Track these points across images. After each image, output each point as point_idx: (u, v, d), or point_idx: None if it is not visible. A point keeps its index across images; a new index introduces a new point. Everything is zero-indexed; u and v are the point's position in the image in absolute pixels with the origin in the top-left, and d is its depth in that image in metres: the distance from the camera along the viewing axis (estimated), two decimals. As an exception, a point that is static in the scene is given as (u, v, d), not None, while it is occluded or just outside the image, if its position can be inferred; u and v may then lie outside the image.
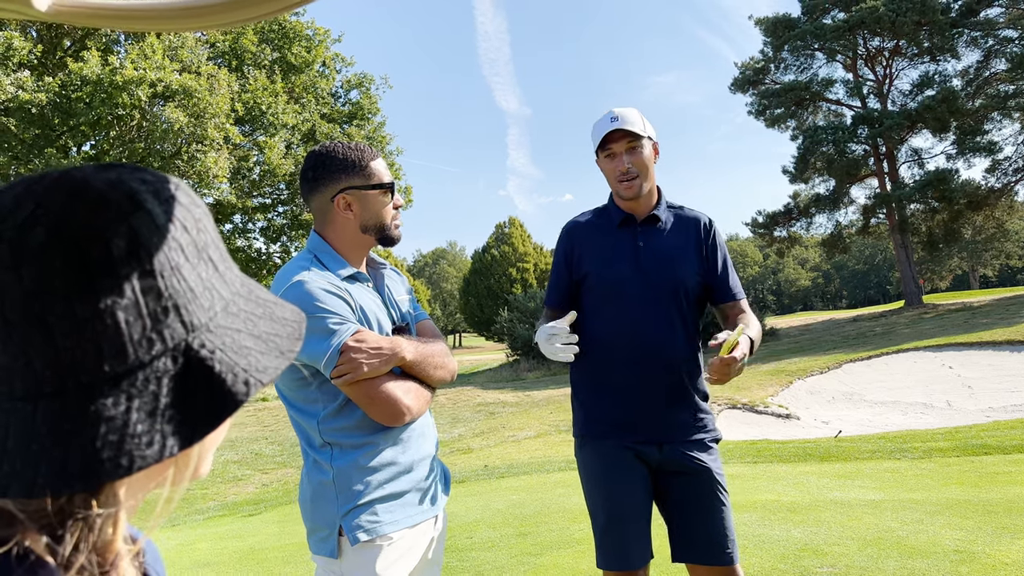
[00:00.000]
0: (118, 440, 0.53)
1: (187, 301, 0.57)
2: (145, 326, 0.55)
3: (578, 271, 2.70)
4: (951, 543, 4.32)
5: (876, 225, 36.09)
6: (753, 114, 36.47)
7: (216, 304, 0.60)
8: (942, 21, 30.84)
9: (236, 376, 0.58)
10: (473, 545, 5.27)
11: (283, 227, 26.04)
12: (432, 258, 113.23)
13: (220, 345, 0.58)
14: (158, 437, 0.54)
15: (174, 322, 0.56)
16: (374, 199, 2.08)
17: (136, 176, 0.59)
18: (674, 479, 2.57)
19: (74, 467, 0.52)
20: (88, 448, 0.52)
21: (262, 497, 9.75)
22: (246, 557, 5.81)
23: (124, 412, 0.53)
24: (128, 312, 0.54)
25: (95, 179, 0.56)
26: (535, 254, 47.85)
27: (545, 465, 9.05)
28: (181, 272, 0.57)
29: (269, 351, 0.62)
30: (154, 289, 0.55)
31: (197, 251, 0.59)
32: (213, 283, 0.60)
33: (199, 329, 0.58)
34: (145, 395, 0.54)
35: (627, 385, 2.56)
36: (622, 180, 2.61)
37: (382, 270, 2.23)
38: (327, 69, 27.99)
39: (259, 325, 0.63)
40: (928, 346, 18.09)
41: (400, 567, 1.97)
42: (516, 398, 17.87)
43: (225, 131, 20.96)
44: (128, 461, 0.52)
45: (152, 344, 0.55)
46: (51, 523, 0.55)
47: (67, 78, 18.93)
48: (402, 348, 1.97)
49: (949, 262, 62.23)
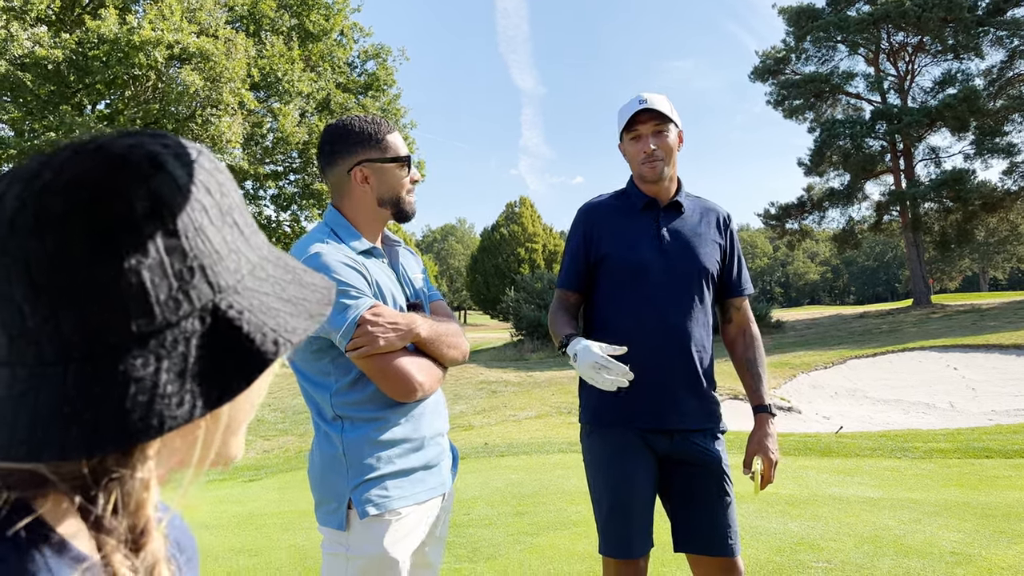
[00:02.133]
0: (148, 400, 0.53)
1: (213, 262, 0.57)
2: (171, 286, 0.55)
3: (596, 253, 2.65)
4: (948, 544, 4.32)
5: (889, 222, 35.88)
6: (772, 104, 36.15)
7: (243, 267, 0.60)
8: (968, 19, 30.42)
9: (265, 336, 0.58)
10: (470, 522, 5.30)
11: (294, 195, 26.02)
12: (441, 234, 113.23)
13: (248, 306, 0.58)
14: (188, 397, 0.54)
15: (200, 283, 0.56)
16: (390, 172, 2.08)
17: (157, 141, 0.58)
18: (681, 469, 2.57)
19: (106, 428, 0.52)
20: (119, 409, 0.52)
21: (263, 463, 9.82)
22: (245, 522, 5.86)
23: (153, 373, 0.53)
24: (153, 272, 0.54)
25: (115, 144, 0.56)
26: (544, 235, 47.79)
27: (545, 446, 9.08)
28: (205, 233, 0.57)
29: (299, 313, 0.61)
30: (179, 249, 0.55)
31: (221, 214, 0.59)
32: (239, 246, 0.60)
33: (226, 290, 0.58)
34: (174, 355, 0.54)
35: (643, 371, 2.53)
36: (645, 161, 2.58)
37: (397, 247, 2.22)
38: (344, 38, 27.82)
39: (288, 289, 0.63)
40: (934, 346, 18.03)
41: (407, 543, 1.98)
42: (519, 378, 17.91)
43: (240, 96, 20.89)
44: (159, 421, 0.53)
45: (179, 304, 0.55)
46: (84, 485, 0.55)
47: (84, 36, 18.87)
48: (417, 324, 1.97)
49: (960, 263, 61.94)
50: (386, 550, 1.92)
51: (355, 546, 1.93)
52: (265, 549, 5.01)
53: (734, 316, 2.77)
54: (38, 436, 0.52)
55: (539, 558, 4.45)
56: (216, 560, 4.80)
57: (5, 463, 0.53)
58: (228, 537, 5.36)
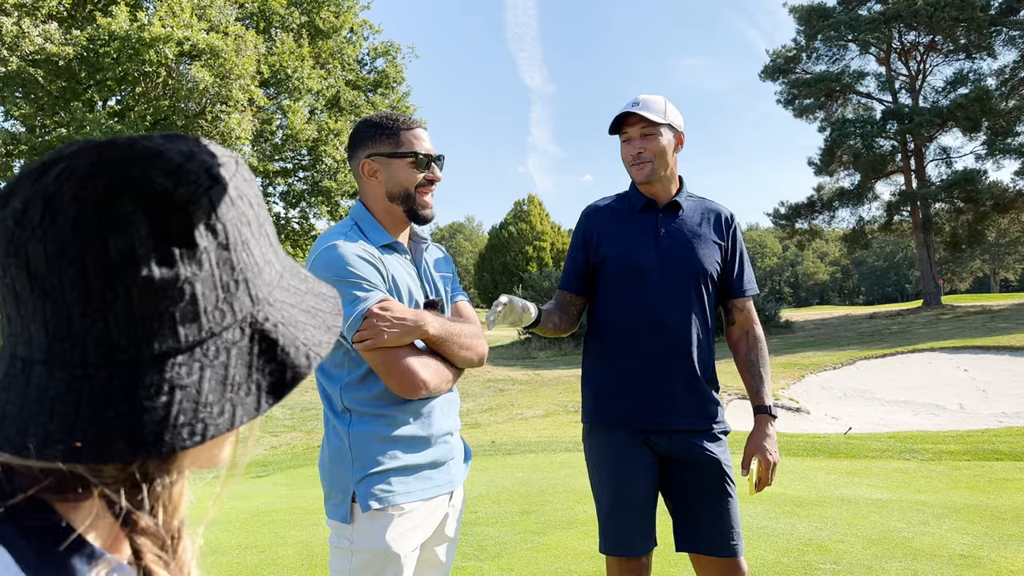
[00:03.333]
0: (192, 408, 0.54)
1: (254, 275, 0.59)
2: (218, 297, 0.56)
3: (596, 255, 2.68)
4: (957, 547, 4.29)
5: (899, 222, 35.71)
6: (782, 103, 36.04)
7: (273, 278, 0.62)
8: (980, 18, 30.20)
9: (298, 349, 0.60)
10: (477, 520, 5.30)
11: (303, 192, 26.04)
12: (449, 231, 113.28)
13: (281, 319, 0.60)
14: (228, 406, 0.55)
15: (243, 295, 0.58)
16: (400, 167, 2.08)
17: (205, 149, 0.59)
18: (682, 469, 2.57)
19: (149, 434, 0.52)
20: (163, 416, 0.53)
21: (271, 459, 9.84)
22: (253, 518, 5.87)
23: (197, 381, 0.54)
24: (205, 284, 0.55)
25: (170, 151, 0.56)
26: (552, 233, 47.73)
27: (552, 444, 9.07)
28: (249, 246, 0.59)
29: (319, 325, 0.63)
30: (228, 262, 0.56)
31: (259, 226, 0.61)
32: (270, 257, 0.62)
33: (262, 302, 0.59)
34: (216, 365, 0.56)
35: (643, 372, 2.55)
36: (633, 163, 2.62)
37: (423, 244, 2.22)
38: (354, 35, 27.81)
39: (306, 300, 0.64)
40: (944, 347, 17.93)
41: (410, 539, 1.98)
42: (526, 376, 17.91)
43: (250, 93, 20.93)
44: (202, 429, 0.54)
45: (224, 315, 0.56)
46: (124, 488, 0.56)
47: (95, 32, 18.93)
48: (426, 321, 1.96)
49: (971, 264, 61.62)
50: (388, 544, 1.92)
51: (358, 540, 1.94)
52: (272, 545, 5.02)
53: (737, 317, 2.77)
54: (78, 438, 0.52)
55: (546, 557, 4.44)
56: (223, 556, 4.81)
57: (41, 463, 0.53)
58: (235, 533, 5.38)
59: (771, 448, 2.57)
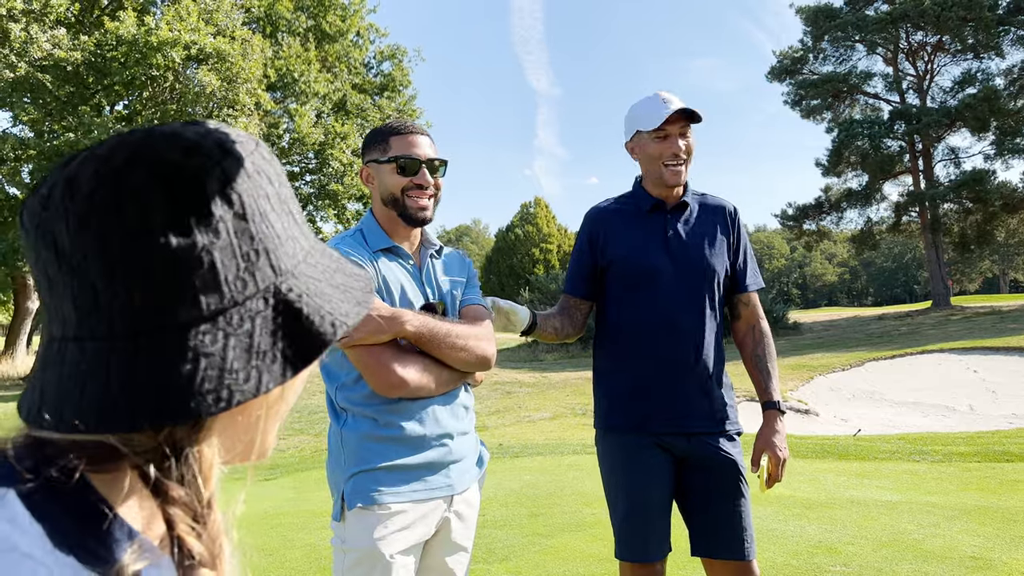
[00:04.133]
0: (217, 375, 0.55)
1: (275, 246, 0.60)
2: (239, 266, 0.57)
3: (604, 258, 2.64)
4: (968, 549, 4.26)
5: (907, 223, 35.55)
6: (789, 104, 35.94)
7: (298, 253, 0.63)
8: (988, 18, 30.07)
9: (323, 318, 0.61)
10: (485, 523, 5.29)
11: (310, 196, 26.05)
12: (455, 234, 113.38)
13: (306, 290, 0.61)
14: (254, 373, 0.57)
15: (264, 265, 0.59)
16: (386, 172, 2.12)
17: (221, 130, 0.61)
18: (699, 472, 2.55)
19: (175, 401, 0.54)
20: (189, 382, 0.54)
21: (279, 462, 9.84)
22: (261, 521, 5.88)
23: (222, 349, 0.56)
24: (224, 252, 0.56)
25: (185, 130, 0.59)
26: (559, 235, 47.69)
27: (560, 447, 9.06)
28: (268, 219, 0.60)
29: (347, 299, 0.65)
30: (247, 232, 0.58)
31: (280, 202, 0.62)
32: (295, 233, 0.63)
33: (286, 274, 0.61)
34: (240, 333, 0.57)
35: (658, 374, 2.52)
36: (670, 164, 2.55)
37: (431, 249, 2.23)
38: (361, 39, 27.87)
39: (335, 277, 0.66)
40: (953, 348, 17.83)
41: (398, 540, 1.97)
42: (533, 379, 17.88)
43: (257, 97, 20.99)
44: (228, 395, 0.55)
45: (246, 284, 0.58)
46: (154, 457, 0.57)
47: (103, 37, 19.02)
48: (404, 319, 1.95)
49: (980, 264, 61.34)
50: (375, 544, 1.92)
51: (349, 539, 1.96)
52: (280, 548, 5.02)
53: (743, 312, 2.74)
54: (107, 407, 0.53)
55: (554, 560, 4.43)
56: (230, 558, 4.81)
57: (74, 435, 0.55)
58: (242, 535, 5.38)
59: (781, 444, 2.55)
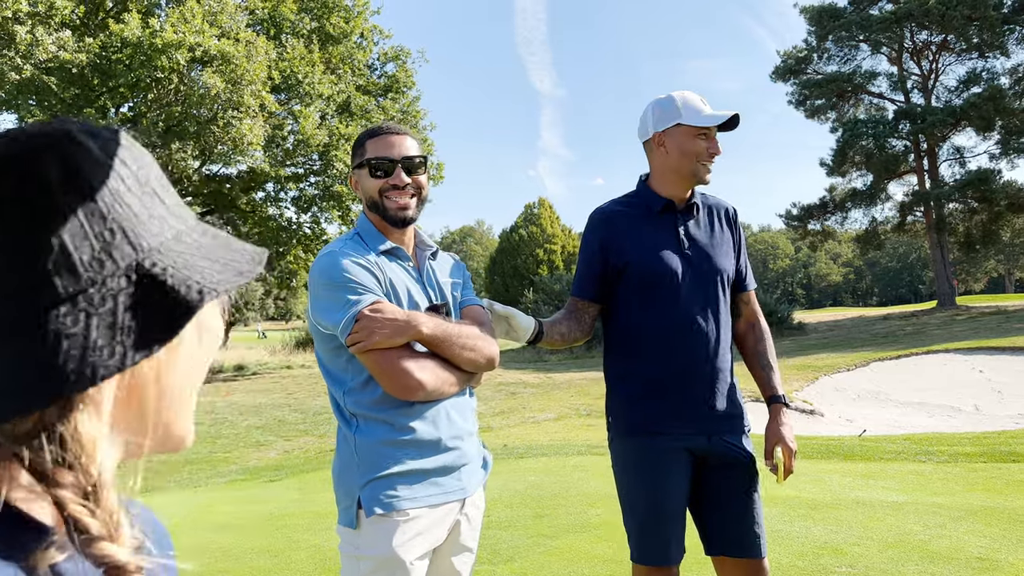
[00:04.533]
0: (80, 354, 0.55)
1: (133, 225, 0.60)
2: (93, 248, 0.57)
3: (618, 260, 2.60)
4: (974, 550, 4.25)
5: (912, 223, 35.48)
6: (793, 104, 35.90)
7: (166, 232, 0.63)
8: (993, 17, 30.00)
9: (189, 287, 0.61)
10: (489, 524, 5.28)
11: (314, 197, 26.08)
12: (459, 235, 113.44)
13: (172, 263, 0.61)
14: (119, 348, 0.57)
15: (122, 243, 0.59)
16: (362, 176, 2.14)
17: (74, 122, 0.62)
18: (717, 470, 2.56)
19: (39, 382, 0.54)
20: (51, 364, 0.54)
21: (284, 463, 9.86)
22: (266, 522, 5.89)
23: (84, 328, 0.56)
24: (74, 236, 0.56)
25: (36, 126, 0.60)
26: (563, 236, 47.63)
27: (564, 448, 9.05)
28: (123, 199, 0.60)
29: (226, 270, 0.64)
30: (97, 212, 0.58)
31: (139, 183, 0.62)
32: (160, 213, 0.63)
33: (150, 251, 0.61)
34: (102, 311, 0.57)
35: (676, 376, 2.53)
36: (707, 163, 2.60)
37: (427, 251, 2.22)
38: (365, 41, 27.89)
39: (215, 252, 0.66)
40: (959, 348, 17.78)
41: (416, 545, 1.96)
42: (538, 379, 17.88)
43: (261, 98, 21.03)
44: (92, 371, 0.55)
45: (103, 264, 0.58)
46: (30, 443, 0.57)
47: (108, 39, 19.08)
48: (420, 322, 1.95)
49: (985, 264, 61.15)
50: (394, 551, 1.91)
51: (364, 546, 1.94)
52: (286, 549, 5.03)
53: (743, 311, 2.78)
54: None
55: (559, 561, 4.43)
56: (236, 560, 4.82)
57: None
58: (248, 537, 5.39)
59: (790, 436, 2.59)
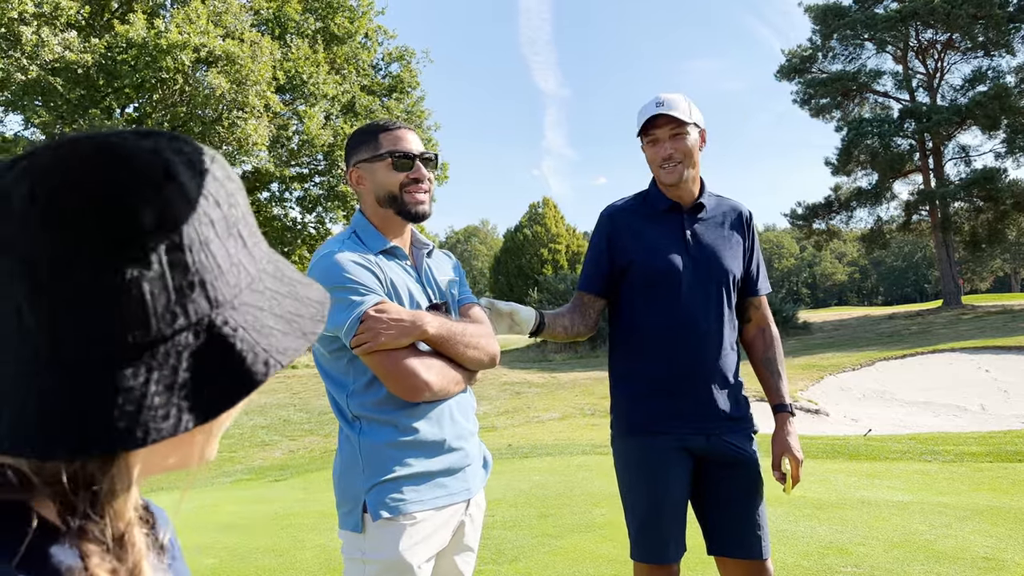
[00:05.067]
0: (135, 411, 0.52)
1: (214, 277, 0.57)
2: (170, 299, 0.54)
3: (623, 258, 2.62)
4: (980, 550, 4.24)
5: (918, 222, 35.36)
6: (798, 103, 35.79)
7: (242, 281, 0.59)
8: (999, 15, 29.88)
9: (256, 356, 0.57)
10: (494, 523, 5.29)
11: (319, 197, 26.17)
12: (464, 235, 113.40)
13: (243, 323, 0.58)
14: (174, 411, 0.54)
15: (199, 297, 0.56)
16: (380, 170, 2.09)
17: (172, 146, 0.58)
18: (717, 470, 2.56)
19: (89, 435, 0.52)
20: (104, 416, 0.52)
21: (289, 463, 9.89)
22: (272, 522, 5.90)
23: (143, 384, 0.53)
24: (154, 284, 0.53)
25: (133, 147, 0.56)
26: (567, 236, 47.62)
27: (569, 447, 9.05)
28: (210, 247, 0.56)
29: (291, 331, 0.61)
30: (182, 263, 0.55)
31: (227, 226, 0.59)
32: (240, 259, 0.60)
33: (223, 305, 0.57)
34: (165, 368, 0.54)
35: (678, 376, 2.53)
36: (663, 166, 2.57)
37: (424, 250, 2.21)
38: (369, 41, 27.96)
39: (283, 304, 0.62)
40: (964, 348, 17.73)
41: (423, 549, 1.95)
42: (542, 379, 17.88)
43: (266, 99, 21.09)
44: (143, 432, 0.52)
45: (175, 318, 0.55)
46: (65, 489, 0.55)
47: (113, 40, 19.16)
48: (425, 321, 1.94)
49: (991, 263, 60.99)
50: (401, 555, 1.89)
51: (370, 550, 1.92)
52: (291, 549, 5.04)
53: (753, 315, 2.76)
54: (20, 433, 0.52)
55: (564, 560, 4.43)
56: (242, 559, 4.83)
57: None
58: (253, 537, 5.40)
59: (796, 445, 2.58)
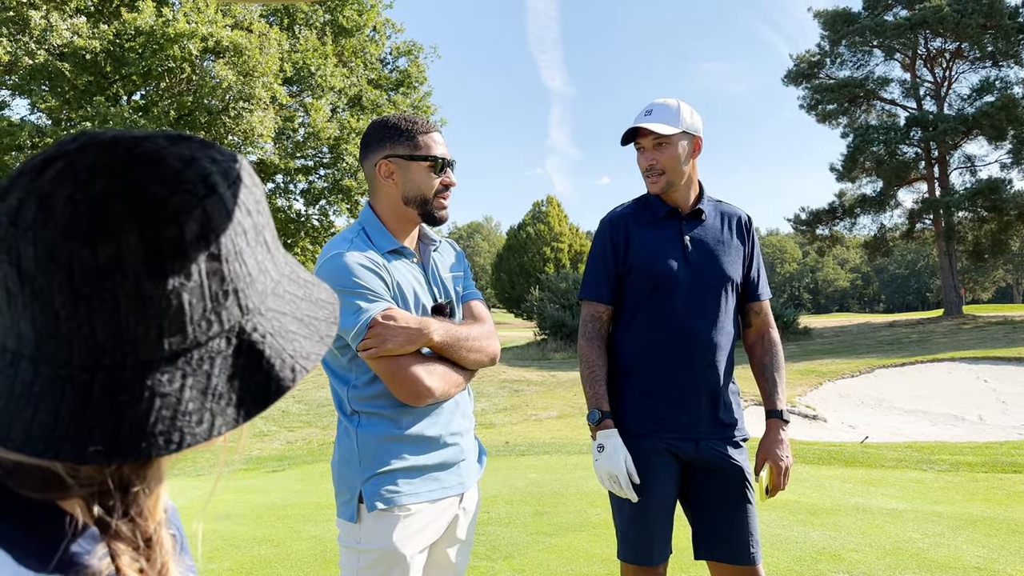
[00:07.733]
0: (171, 416, 0.54)
1: (246, 285, 0.58)
2: (206, 307, 0.56)
3: (624, 264, 2.63)
4: (972, 560, 4.25)
5: (921, 230, 35.32)
6: (805, 108, 35.74)
7: (268, 286, 0.61)
8: (1008, 26, 29.83)
9: (284, 362, 0.59)
10: (490, 520, 5.32)
11: (323, 190, 26.15)
12: (467, 231, 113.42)
13: (270, 329, 0.60)
14: (208, 416, 0.55)
15: (232, 305, 0.57)
16: (417, 170, 2.07)
17: (207, 154, 0.59)
18: (705, 477, 2.57)
19: (126, 439, 0.53)
20: (141, 422, 0.53)
21: (287, 454, 9.91)
22: (268, 512, 5.92)
23: (178, 389, 0.54)
24: (193, 294, 0.55)
25: (170, 155, 0.57)
26: (570, 234, 47.67)
27: (566, 446, 9.08)
28: (243, 257, 0.58)
29: (311, 336, 0.63)
30: (219, 273, 0.56)
31: (256, 234, 0.60)
32: (266, 265, 0.61)
33: (253, 312, 0.59)
34: (199, 374, 0.56)
35: (671, 381, 2.54)
36: (647, 175, 2.61)
37: (432, 245, 2.22)
38: (377, 34, 27.90)
39: (301, 307, 0.64)
40: (964, 357, 17.74)
41: (417, 540, 1.99)
42: (541, 377, 17.90)
43: (272, 90, 21.07)
44: (179, 438, 0.54)
45: (210, 325, 0.56)
46: (99, 491, 0.57)
47: (121, 27, 19.15)
48: (431, 329, 1.97)
49: (993, 273, 60.92)
50: (395, 545, 1.94)
51: (365, 540, 1.97)
52: (287, 540, 5.07)
53: (754, 321, 2.77)
54: (57, 436, 0.52)
55: (558, 558, 4.45)
56: (238, 549, 4.86)
57: (20, 456, 0.54)
58: (250, 527, 5.42)
59: (783, 453, 2.58)
